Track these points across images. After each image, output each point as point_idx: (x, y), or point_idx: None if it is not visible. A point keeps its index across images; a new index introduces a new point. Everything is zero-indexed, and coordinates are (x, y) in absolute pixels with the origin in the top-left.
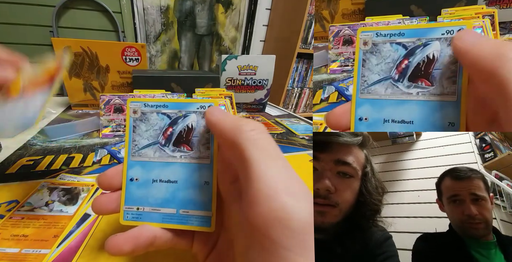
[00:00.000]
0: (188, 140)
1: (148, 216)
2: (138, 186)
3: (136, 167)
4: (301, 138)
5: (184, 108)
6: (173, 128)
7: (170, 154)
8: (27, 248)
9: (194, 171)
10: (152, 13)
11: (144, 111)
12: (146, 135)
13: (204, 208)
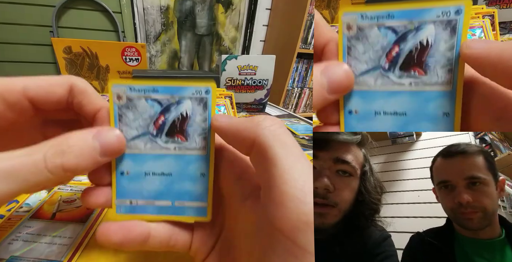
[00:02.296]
0: (183, 130)
1: (143, 209)
2: (129, 179)
3: (126, 160)
4: (301, 137)
5: (177, 93)
6: (165, 117)
7: (163, 146)
8: None
9: (189, 162)
10: (152, 13)
11: (130, 96)
12: (134, 125)
13: (200, 199)
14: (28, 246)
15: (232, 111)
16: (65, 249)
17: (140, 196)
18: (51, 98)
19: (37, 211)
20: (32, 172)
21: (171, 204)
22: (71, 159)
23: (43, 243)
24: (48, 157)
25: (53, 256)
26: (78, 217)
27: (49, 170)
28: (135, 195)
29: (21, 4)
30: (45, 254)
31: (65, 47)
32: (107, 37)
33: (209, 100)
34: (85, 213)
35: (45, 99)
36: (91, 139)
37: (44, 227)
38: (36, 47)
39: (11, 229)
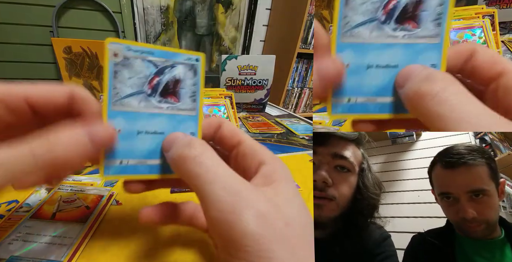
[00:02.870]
0: (175, 91)
1: (133, 169)
2: (121, 138)
3: (118, 117)
4: (301, 137)
5: (172, 58)
6: (159, 78)
7: (157, 105)
8: None
9: (180, 122)
10: (152, 13)
11: (127, 55)
12: (129, 83)
13: None
14: (28, 246)
15: (232, 111)
16: (65, 249)
17: (132, 156)
18: (51, 105)
19: (37, 211)
20: (18, 163)
21: (162, 162)
22: (60, 152)
23: (43, 243)
24: (36, 150)
25: (53, 256)
26: (78, 217)
27: (36, 162)
28: (126, 154)
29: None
30: (45, 254)
31: (65, 47)
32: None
33: (198, 67)
34: (85, 213)
35: (46, 106)
36: (82, 133)
37: (44, 227)
38: (36, 47)
39: (11, 229)
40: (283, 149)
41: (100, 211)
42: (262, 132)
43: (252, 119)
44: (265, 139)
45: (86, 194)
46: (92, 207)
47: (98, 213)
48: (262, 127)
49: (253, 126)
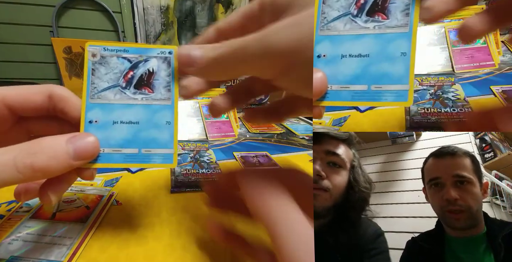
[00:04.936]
0: (150, 83)
1: (109, 158)
2: (97, 128)
3: (95, 109)
4: (301, 138)
5: (145, 53)
6: (133, 72)
7: (131, 96)
8: None
9: (155, 111)
10: (152, 13)
11: (104, 55)
12: (105, 78)
13: (166, 146)
14: (28, 246)
15: (232, 111)
16: (65, 249)
17: (107, 145)
18: (30, 106)
19: (37, 211)
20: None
21: (137, 151)
22: (42, 160)
23: (43, 243)
24: (19, 157)
25: (53, 256)
26: (78, 217)
27: (18, 169)
28: (102, 143)
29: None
30: (45, 254)
31: (65, 47)
32: (107, 37)
33: (172, 59)
34: (85, 213)
35: (24, 107)
36: (65, 143)
37: (44, 227)
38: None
39: (11, 229)
40: (283, 149)
41: (100, 211)
42: (262, 131)
43: None
44: (265, 139)
45: (86, 194)
46: (92, 207)
47: (98, 213)
48: (262, 127)
49: (253, 127)
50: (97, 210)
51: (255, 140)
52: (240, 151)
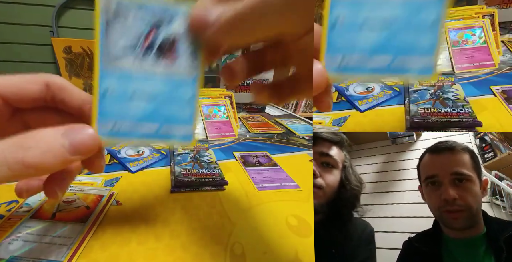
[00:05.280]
0: (173, 49)
1: (127, 133)
2: (113, 99)
3: (111, 77)
4: (301, 138)
5: (170, 11)
6: (156, 33)
7: (152, 65)
8: None
9: (178, 85)
10: None
11: (120, 7)
12: (122, 39)
13: (186, 122)
14: (28, 246)
15: (232, 111)
16: (65, 249)
17: (124, 118)
18: (26, 96)
19: (37, 211)
20: None
21: (157, 127)
22: (35, 155)
23: (43, 243)
24: (9, 152)
25: (53, 256)
26: (78, 217)
27: (8, 165)
28: (119, 116)
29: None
30: (45, 254)
31: (65, 47)
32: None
33: None
34: (85, 213)
35: (19, 97)
36: (60, 136)
37: (44, 227)
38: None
39: (11, 229)
40: (283, 149)
41: (100, 211)
42: (262, 132)
43: (252, 119)
44: (265, 139)
45: (86, 194)
46: (92, 207)
47: (98, 213)
48: (262, 127)
49: (253, 126)
50: (97, 210)
51: (255, 139)
52: (240, 151)
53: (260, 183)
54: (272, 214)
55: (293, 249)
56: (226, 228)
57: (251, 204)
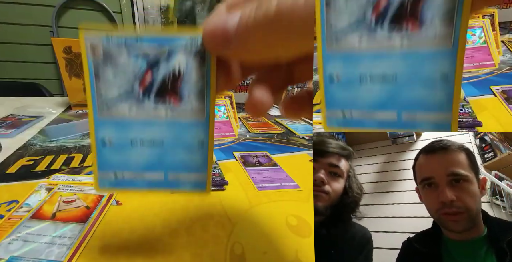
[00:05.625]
0: (176, 89)
1: (130, 182)
2: (113, 150)
3: (108, 126)
4: (301, 137)
5: (167, 44)
6: (153, 73)
7: (152, 109)
8: None
9: (185, 129)
10: (152, 13)
11: (108, 49)
12: (115, 84)
13: (198, 170)
14: (28, 246)
15: (232, 111)
16: (65, 249)
17: (126, 168)
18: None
19: (37, 211)
20: None
21: (163, 176)
22: None
23: (43, 243)
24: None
25: (53, 256)
26: (78, 217)
27: None
28: (121, 166)
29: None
30: (45, 254)
31: (65, 47)
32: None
33: (208, 52)
34: (85, 213)
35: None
36: None
37: (44, 227)
38: (36, 47)
39: (11, 229)
40: (283, 149)
41: (100, 211)
42: (262, 131)
43: (252, 119)
44: (265, 139)
45: (86, 194)
46: (92, 207)
47: (98, 213)
48: (262, 127)
49: (253, 127)
50: (97, 210)
51: (255, 139)
52: (240, 151)
53: (260, 183)
54: (272, 214)
55: (293, 249)
56: (226, 228)
57: (251, 204)
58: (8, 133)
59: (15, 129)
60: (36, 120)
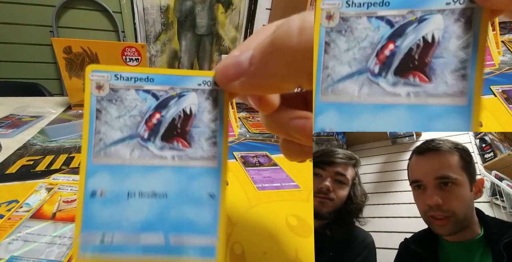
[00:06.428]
0: (185, 132)
1: (120, 247)
2: (104, 203)
3: (102, 173)
4: None
5: (179, 84)
6: (161, 114)
7: (157, 153)
8: None
9: (193, 178)
10: (152, 13)
11: (115, 86)
12: (118, 124)
13: (207, 232)
14: (28, 246)
15: (232, 111)
16: (65, 249)
17: (117, 227)
18: None
19: (37, 211)
20: None
21: (163, 239)
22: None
23: (43, 243)
24: None
25: (53, 256)
26: None
27: None
28: (110, 226)
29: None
30: (45, 254)
31: (65, 47)
32: (107, 37)
33: (220, 94)
34: None
35: None
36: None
37: (44, 227)
38: (36, 47)
39: (11, 229)
40: None
41: None
42: (262, 132)
43: (252, 119)
44: (265, 139)
45: None
46: None
47: None
48: (262, 127)
49: (253, 126)
50: None
51: (255, 139)
52: (240, 151)
53: (260, 183)
54: (272, 214)
55: (293, 249)
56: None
57: (251, 204)
58: (8, 133)
59: (15, 129)
60: (36, 120)
